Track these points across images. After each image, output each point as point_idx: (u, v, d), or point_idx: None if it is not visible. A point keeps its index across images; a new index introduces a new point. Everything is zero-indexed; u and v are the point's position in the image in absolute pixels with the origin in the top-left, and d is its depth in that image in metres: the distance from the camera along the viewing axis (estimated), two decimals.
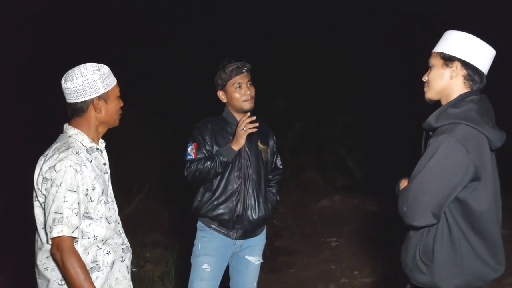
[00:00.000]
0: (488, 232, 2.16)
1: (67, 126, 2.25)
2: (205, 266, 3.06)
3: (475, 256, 2.15)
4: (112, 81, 2.26)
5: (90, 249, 2.18)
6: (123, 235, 2.35)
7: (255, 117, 3.05)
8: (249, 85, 3.09)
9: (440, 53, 2.22)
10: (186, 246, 3.36)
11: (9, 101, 7.47)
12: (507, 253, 2.32)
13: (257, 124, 3.03)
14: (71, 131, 2.23)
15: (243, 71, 3.07)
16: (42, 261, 2.19)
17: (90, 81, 2.16)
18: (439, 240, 2.16)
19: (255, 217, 3.08)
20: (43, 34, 8.25)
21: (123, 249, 2.32)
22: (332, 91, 8.77)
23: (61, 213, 2.03)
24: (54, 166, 2.08)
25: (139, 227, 5.51)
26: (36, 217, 2.21)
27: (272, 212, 3.27)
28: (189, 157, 3.05)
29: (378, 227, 6.06)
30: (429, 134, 2.27)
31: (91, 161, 2.19)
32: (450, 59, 2.19)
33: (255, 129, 3.03)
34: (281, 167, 3.36)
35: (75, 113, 2.23)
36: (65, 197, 2.05)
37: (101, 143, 2.34)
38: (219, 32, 9.51)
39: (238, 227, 3.08)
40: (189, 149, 3.08)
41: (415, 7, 9.43)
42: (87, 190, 2.14)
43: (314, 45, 9.80)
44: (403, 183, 2.26)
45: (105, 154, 2.35)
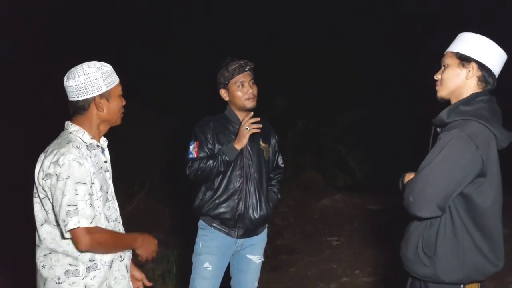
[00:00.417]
0: (490, 228, 2.19)
1: (68, 123, 2.25)
2: (207, 264, 3.05)
3: (477, 250, 2.18)
4: (114, 79, 2.25)
5: None
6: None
7: (259, 118, 3.04)
8: (252, 84, 3.08)
9: (456, 53, 2.26)
10: (187, 244, 3.36)
11: (9, 101, 7.47)
12: (507, 252, 2.33)
13: (260, 125, 3.02)
14: (72, 127, 2.22)
15: (246, 69, 3.07)
16: (39, 259, 2.18)
17: (92, 79, 2.16)
18: (442, 233, 2.19)
19: (257, 216, 3.08)
20: (43, 33, 8.25)
21: None
22: (332, 91, 8.77)
23: (75, 205, 2.03)
24: (57, 161, 2.07)
25: (140, 226, 5.51)
26: (35, 214, 2.19)
27: (273, 211, 3.26)
28: (191, 156, 3.04)
29: (379, 226, 6.06)
30: (437, 130, 2.31)
31: (90, 157, 2.18)
32: (467, 60, 2.23)
33: (259, 129, 3.03)
34: (282, 166, 3.36)
35: (76, 111, 2.22)
36: (76, 190, 2.04)
37: (103, 141, 2.33)
38: (219, 31, 9.50)
39: (239, 226, 3.08)
40: (191, 147, 3.06)
41: (415, 7, 9.43)
42: (90, 183, 2.14)
43: (314, 44, 9.80)
44: (408, 176, 2.29)
45: (107, 152, 2.34)
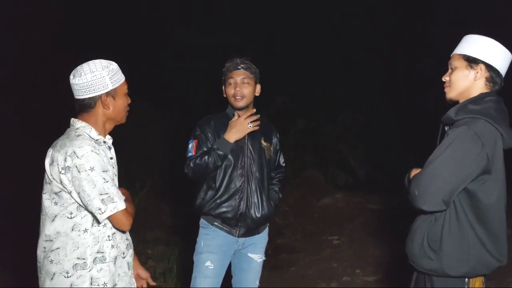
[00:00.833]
0: (493, 224, 2.24)
1: (74, 120, 2.25)
2: (208, 263, 3.04)
3: (481, 244, 2.23)
4: (120, 77, 2.26)
5: (99, 238, 2.18)
6: (127, 232, 2.34)
7: (258, 115, 3.04)
8: (243, 83, 3.03)
9: (463, 55, 2.32)
10: (188, 243, 3.36)
11: (8, 100, 7.47)
12: (509, 252, 2.35)
13: (258, 122, 3.02)
14: (78, 123, 2.22)
15: (239, 68, 3.03)
16: (47, 254, 2.17)
17: (98, 77, 2.16)
18: (447, 228, 2.24)
19: (258, 215, 3.06)
20: (43, 33, 8.26)
21: (126, 245, 2.33)
22: (333, 90, 8.76)
23: (107, 193, 2.08)
24: (73, 153, 2.08)
25: (141, 224, 5.51)
26: (46, 210, 2.18)
27: (274, 210, 3.25)
28: (190, 154, 3.03)
29: (379, 225, 6.06)
30: (445, 129, 2.37)
31: (99, 154, 2.17)
32: (475, 61, 2.29)
33: (257, 127, 3.02)
34: (284, 165, 3.34)
35: (82, 108, 2.22)
36: (104, 178, 2.09)
37: (109, 139, 2.33)
38: (220, 29, 9.51)
39: (241, 225, 3.06)
40: (190, 146, 3.05)
41: (414, 7, 9.42)
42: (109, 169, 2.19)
43: (315, 43, 9.79)
44: (414, 172, 2.34)
45: (112, 150, 2.34)
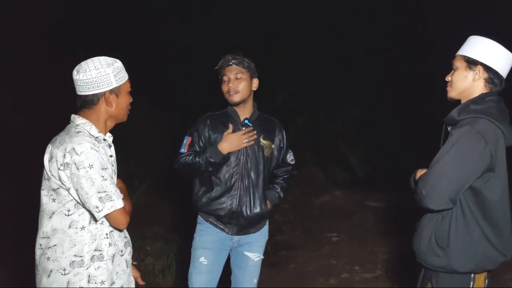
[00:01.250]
0: (498, 220, 2.30)
1: (74, 116, 2.23)
2: (202, 259, 3.04)
3: (486, 240, 2.29)
4: (124, 76, 2.25)
5: (97, 236, 2.17)
6: (125, 229, 2.33)
7: (255, 132, 3.02)
8: (236, 78, 3.00)
9: (464, 57, 2.38)
10: (187, 239, 3.35)
11: (8, 100, 7.47)
12: None
13: (255, 137, 3.01)
14: (78, 120, 2.21)
15: (230, 64, 3.00)
16: (44, 251, 2.17)
17: (103, 74, 2.15)
18: (454, 225, 2.29)
19: (250, 214, 3.02)
20: (43, 32, 8.25)
21: (124, 243, 2.32)
22: (333, 88, 8.76)
23: (105, 191, 2.07)
24: (73, 149, 2.07)
25: (140, 220, 5.51)
26: (43, 207, 2.18)
27: (273, 209, 3.21)
28: (182, 150, 3.03)
29: (378, 223, 6.07)
30: (447, 129, 2.43)
31: (98, 151, 2.16)
32: (473, 63, 2.35)
33: (252, 142, 3.01)
34: (292, 163, 3.26)
35: (84, 105, 2.21)
36: (102, 176, 2.08)
37: (109, 137, 2.32)
38: (220, 29, 9.50)
39: (233, 223, 3.03)
40: (184, 142, 3.05)
41: (414, 7, 9.42)
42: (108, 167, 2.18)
43: (315, 40, 9.78)
44: (420, 172, 2.39)
45: (112, 148, 2.33)
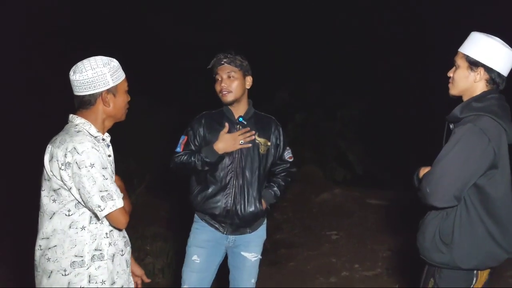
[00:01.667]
0: (502, 217, 2.31)
1: (73, 116, 2.23)
2: (195, 257, 3.03)
3: (490, 237, 2.30)
4: (121, 75, 2.25)
5: (97, 235, 2.18)
6: (124, 229, 2.34)
7: (253, 132, 3.01)
8: (228, 78, 2.97)
9: (466, 56, 2.37)
10: (186, 238, 3.35)
11: (7, 100, 7.46)
12: None
13: (252, 137, 3.00)
14: (77, 120, 2.21)
15: (222, 62, 2.98)
16: (44, 252, 2.17)
17: (99, 74, 2.15)
18: (458, 222, 2.30)
19: (244, 213, 2.99)
20: (43, 32, 8.25)
21: (124, 243, 2.32)
22: (332, 86, 8.76)
23: (106, 190, 2.09)
24: (74, 149, 2.07)
25: (139, 220, 5.51)
26: (44, 208, 2.19)
27: (270, 207, 3.18)
28: (177, 149, 3.03)
29: (378, 220, 6.07)
30: (450, 126, 2.44)
31: (99, 150, 2.17)
32: (475, 64, 2.34)
33: (249, 144, 3.00)
34: (289, 160, 3.22)
35: (82, 105, 2.21)
36: (103, 176, 2.10)
37: (107, 137, 2.32)
38: (220, 27, 9.49)
39: (228, 222, 3.01)
40: (181, 140, 3.06)
41: (413, 7, 9.41)
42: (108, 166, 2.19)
43: (315, 40, 9.78)
44: (423, 170, 2.39)
45: (110, 147, 2.34)
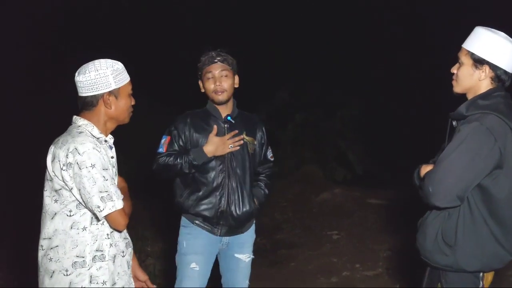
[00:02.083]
0: (504, 218, 2.24)
1: (76, 117, 2.26)
2: (193, 265, 2.93)
3: (494, 239, 2.23)
4: (124, 78, 2.27)
5: (98, 236, 2.19)
6: (125, 230, 2.34)
7: (241, 136, 2.94)
8: (223, 76, 2.90)
9: (470, 53, 2.27)
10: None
11: (9, 100, 7.46)
12: None
13: (241, 142, 2.93)
14: (80, 121, 2.24)
15: (215, 61, 2.90)
16: (47, 252, 2.18)
17: (102, 76, 2.18)
18: (461, 223, 2.23)
19: (239, 213, 2.92)
20: (43, 32, 8.25)
21: (125, 244, 2.32)
22: (333, 87, 8.76)
23: (106, 191, 2.10)
24: (75, 149, 2.10)
25: (139, 221, 5.50)
26: (46, 208, 2.20)
27: (261, 207, 3.10)
28: (160, 150, 2.93)
29: (379, 220, 6.07)
30: (453, 125, 2.36)
31: (100, 151, 2.19)
32: (480, 62, 2.25)
33: (238, 147, 2.93)
34: (272, 160, 3.16)
35: (85, 106, 2.24)
36: (104, 176, 2.11)
37: (110, 139, 2.34)
38: (220, 26, 9.48)
39: (222, 223, 2.93)
40: (162, 141, 2.94)
41: (412, 7, 9.42)
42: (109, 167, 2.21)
43: (315, 39, 9.78)
44: (425, 168, 2.33)
45: (113, 149, 2.35)
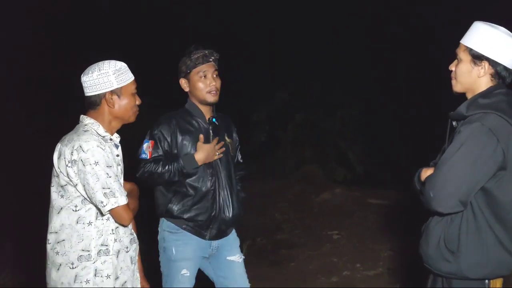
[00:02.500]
0: (510, 222, 2.14)
1: (83, 116, 2.33)
2: (184, 271, 2.86)
3: (500, 245, 2.13)
4: (127, 77, 2.32)
5: (103, 231, 2.24)
6: (130, 226, 2.38)
7: (222, 142, 2.91)
8: (215, 76, 2.87)
9: (468, 48, 2.18)
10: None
11: (9, 100, 7.46)
12: None
13: (223, 149, 2.90)
14: (87, 120, 2.30)
15: (210, 60, 2.86)
16: (54, 246, 2.23)
17: (104, 76, 2.25)
18: (464, 228, 2.13)
19: (230, 216, 2.89)
20: (48, 35, 8.27)
21: (130, 240, 2.36)
22: (333, 87, 8.76)
23: (109, 188, 2.15)
24: (80, 147, 2.15)
25: (137, 222, 5.49)
26: (53, 203, 2.26)
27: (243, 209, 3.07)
28: (143, 156, 2.81)
29: (379, 220, 6.06)
30: (453, 125, 2.27)
31: (104, 149, 2.23)
32: (479, 58, 2.16)
33: (221, 154, 2.90)
34: (242, 161, 3.14)
35: (90, 106, 2.31)
36: (107, 173, 2.16)
37: (116, 137, 2.39)
38: (220, 26, 9.48)
39: (212, 227, 2.88)
40: (145, 146, 2.83)
41: (412, 7, 9.42)
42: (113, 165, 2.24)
43: (315, 39, 9.78)
44: (425, 172, 2.23)
45: (119, 147, 2.39)
